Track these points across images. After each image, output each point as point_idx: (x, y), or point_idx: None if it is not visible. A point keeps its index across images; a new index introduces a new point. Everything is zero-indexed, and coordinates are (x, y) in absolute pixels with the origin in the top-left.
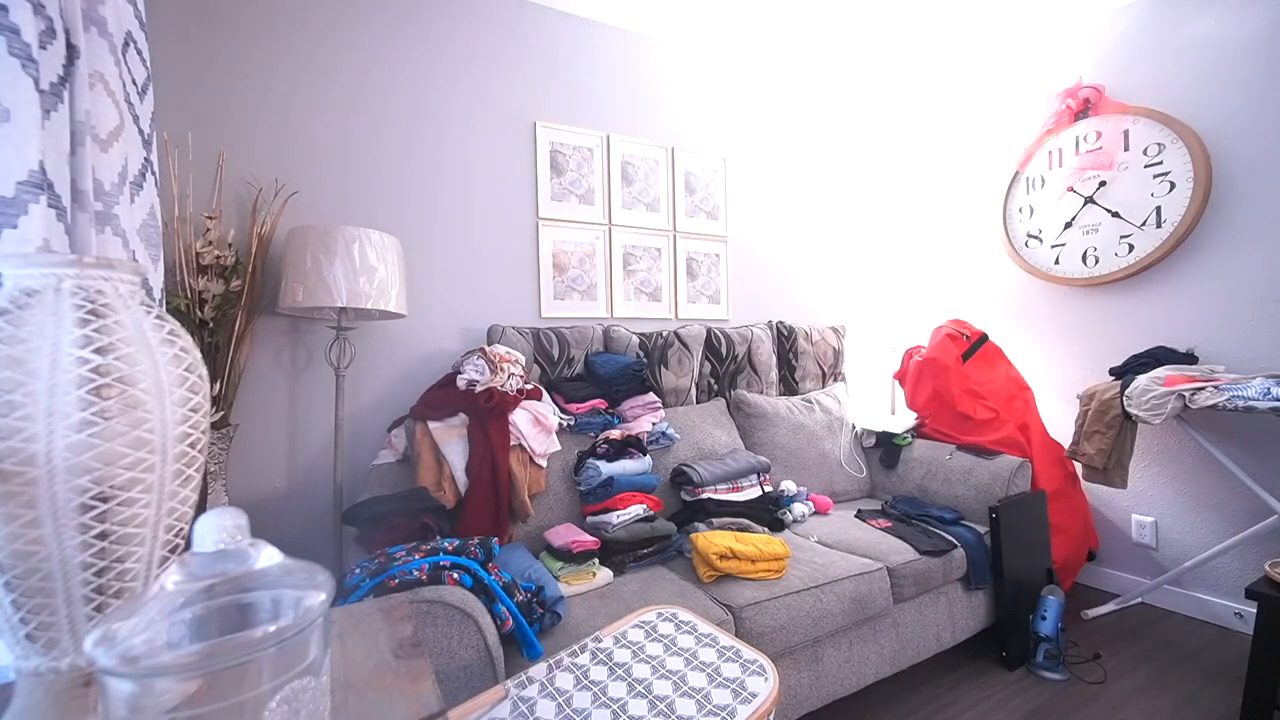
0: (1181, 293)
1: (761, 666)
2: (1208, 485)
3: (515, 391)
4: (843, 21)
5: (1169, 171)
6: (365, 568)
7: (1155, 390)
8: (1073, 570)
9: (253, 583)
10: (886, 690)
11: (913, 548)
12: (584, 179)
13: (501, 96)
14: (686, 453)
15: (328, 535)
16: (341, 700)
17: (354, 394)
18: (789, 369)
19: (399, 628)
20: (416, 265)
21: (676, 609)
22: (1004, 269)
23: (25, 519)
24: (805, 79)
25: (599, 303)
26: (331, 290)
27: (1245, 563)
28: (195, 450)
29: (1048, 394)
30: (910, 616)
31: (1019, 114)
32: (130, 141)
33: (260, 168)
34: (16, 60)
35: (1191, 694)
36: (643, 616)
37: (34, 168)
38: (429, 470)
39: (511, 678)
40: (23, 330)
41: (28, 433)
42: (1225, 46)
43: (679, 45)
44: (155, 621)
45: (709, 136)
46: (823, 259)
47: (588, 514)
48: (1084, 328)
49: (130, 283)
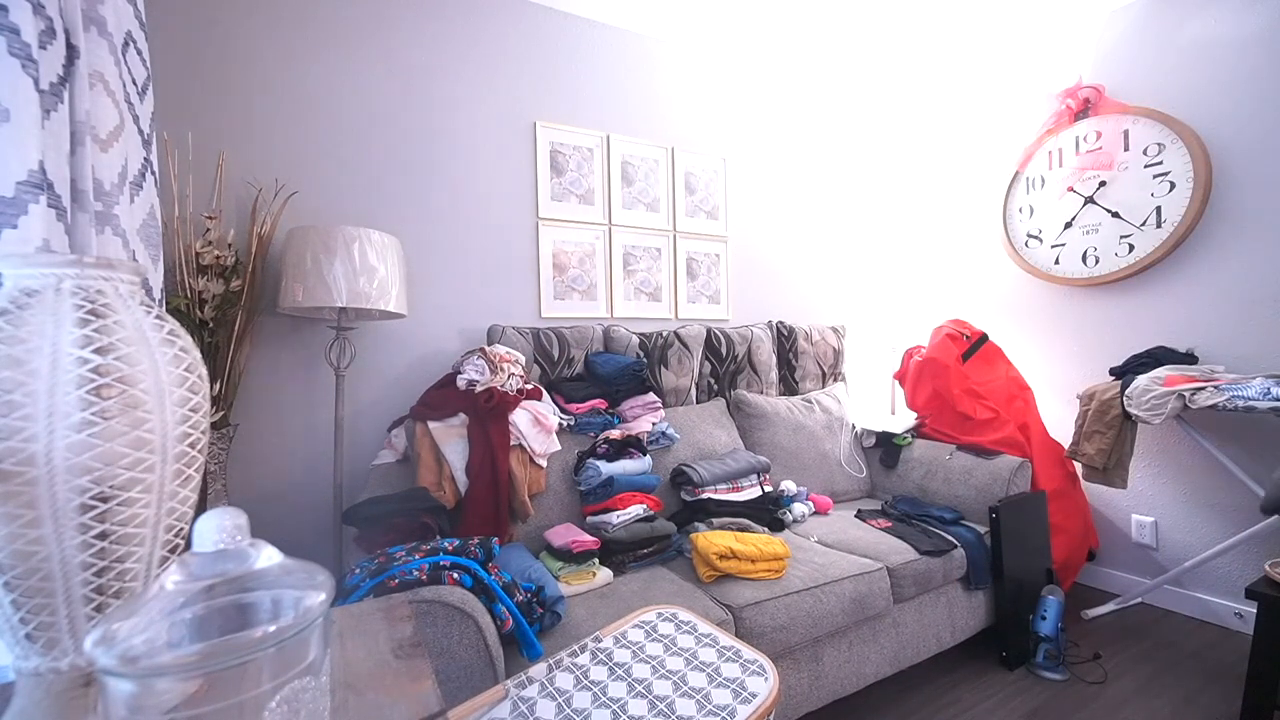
0: (1181, 293)
1: (761, 666)
2: (1208, 485)
3: (515, 391)
4: (843, 21)
5: (1169, 171)
6: (365, 568)
7: (1155, 390)
8: (1073, 570)
9: (253, 583)
10: (886, 690)
11: (913, 548)
12: (584, 179)
13: (502, 96)
14: (686, 453)
15: (328, 535)
16: (341, 700)
17: (354, 394)
18: (789, 369)
19: (399, 628)
20: (416, 265)
21: (676, 609)
22: (1004, 269)
23: (25, 519)
24: (805, 79)
25: (599, 303)
26: (331, 290)
27: (1245, 563)
28: (195, 450)
29: (1048, 394)
30: (910, 616)
31: (1019, 114)
32: (130, 141)
33: (260, 168)
34: (16, 60)
35: (1191, 694)
36: (643, 616)
37: (34, 168)
38: (429, 470)
39: (511, 678)
40: (23, 330)
41: (28, 433)
42: (1225, 46)
43: (679, 45)
44: (155, 621)
45: (709, 136)
46: (823, 259)
47: (588, 514)
48: (1084, 328)
49: (130, 283)
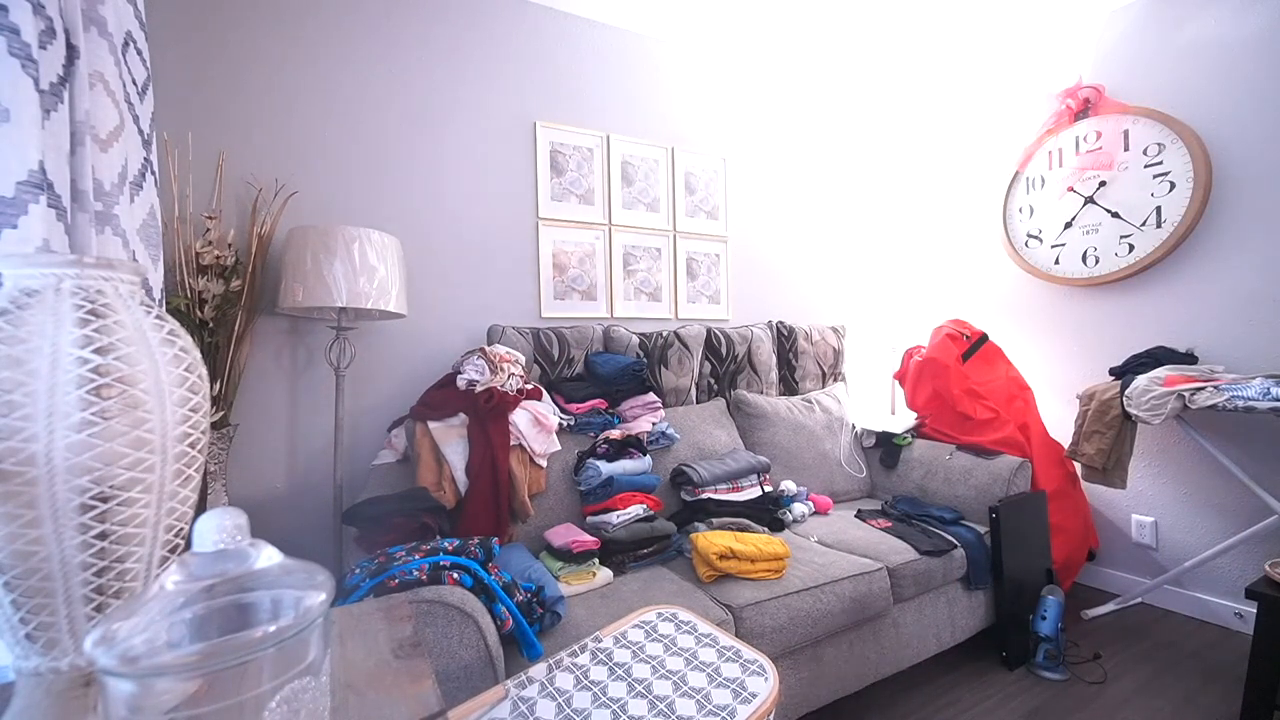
0: (1181, 293)
1: (761, 666)
2: (1208, 485)
3: (515, 391)
4: (843, 22)
5: (1169, 171)
6: (365, 568)
7: (1155, 390)
8: (1073, 570)
9: (253, 583)
10: (886, 690)
11: (913, 548)
12: (584, 179)
13: (502, 96)
14: (686, 453)
15: (328, 535)
16: (341, 700)
17: (354, 394)
18: (789, 369)
19: (399, 628)
20: (416, 265)
21: (676, 609)
22: (1004, 269)
23: (25, 519)
24: (805, 79)
25: (599, 303)
26: (331, 290)
27: (1245, 563)
28: (195, 450)
29: (1048, 394)
30: (910, 616)
31: (1019, 114)
32: (130, 141)
33: (260, 168)
34: (16, 60)
35: (1191, 694)
36: (643, 616)
37: (34, 168)
38: (429, 470)
39: (511, 678)
40: (23, 330)
41: (28, 433)
42: (1225, 46)
43: (679, 45)
44: (155, 621)
45: (709, 136)
46: (823, 259)
47: (588, 514)
48: (1084, 328)
49: (130, 283)
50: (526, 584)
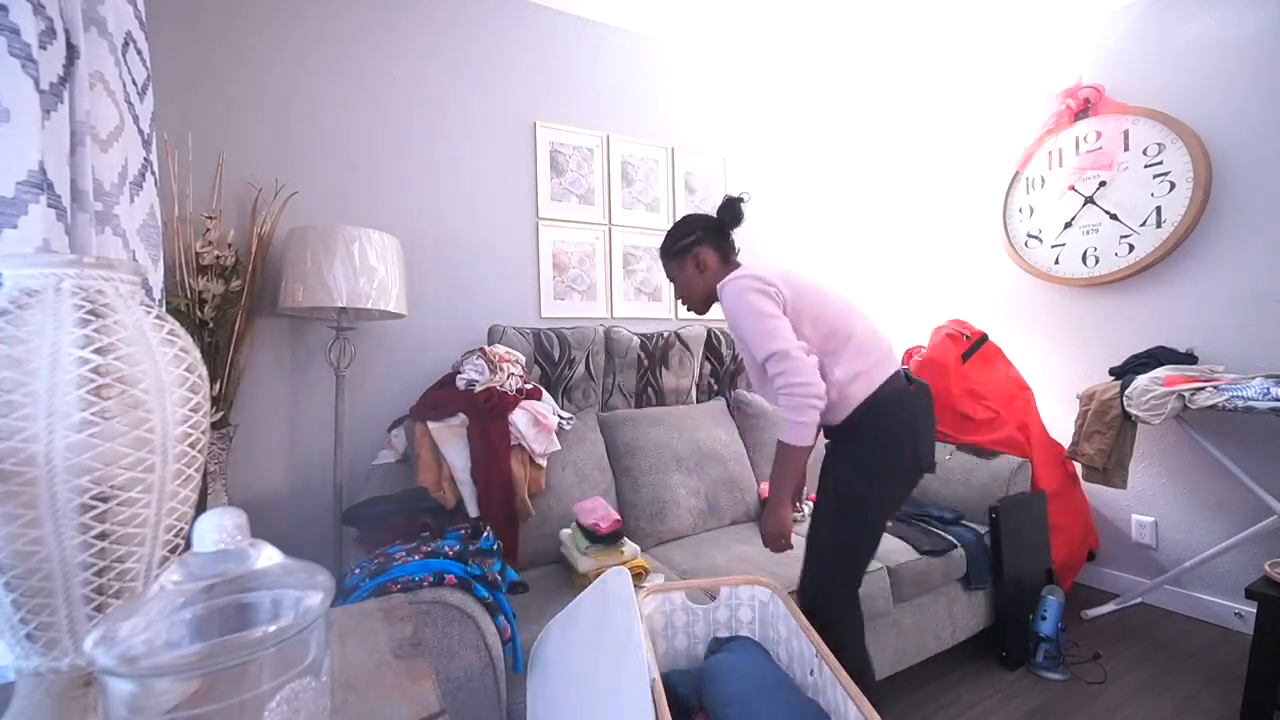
0: (1181, 293)
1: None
2: (1208, 485)
3: (515, 391)
4: (843, 22)
5: (1169, 171)
6: (365, 568)
7: (1155, 390)
8: (1073, 570)
9: (253, 583)
10: (886, 690)
11: (913, 548)
12: (584, 179)
13: (501, 96)
14: (687, 452)
15: (328, 535)
16: (341, 700)
17: (354, 394)
18: None
19: (399, 628)
20: (416, 265)
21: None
22: (1004, 269)
23: (25, 519)
24: (805, 79)
25: (599, 303)
26: (331, 290)
27: (1245, 563)
28: (195, 450)
29: (1048, 394)
30: (910, 616)
31: (1019, 114)
32: (130, 141)
33: (260, 168)
34: (16, 60)
35: (1191, 694)
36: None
37: (34, 168)
38: (429, 470)
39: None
40: (23, 330)
41: (28, 433)
42: (1225, 47)
43: (679, 45)
44: (155, 621)
45: (709, 136)
46: (823, 259)
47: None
48: (1084, 328)
49: (130, 283)
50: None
